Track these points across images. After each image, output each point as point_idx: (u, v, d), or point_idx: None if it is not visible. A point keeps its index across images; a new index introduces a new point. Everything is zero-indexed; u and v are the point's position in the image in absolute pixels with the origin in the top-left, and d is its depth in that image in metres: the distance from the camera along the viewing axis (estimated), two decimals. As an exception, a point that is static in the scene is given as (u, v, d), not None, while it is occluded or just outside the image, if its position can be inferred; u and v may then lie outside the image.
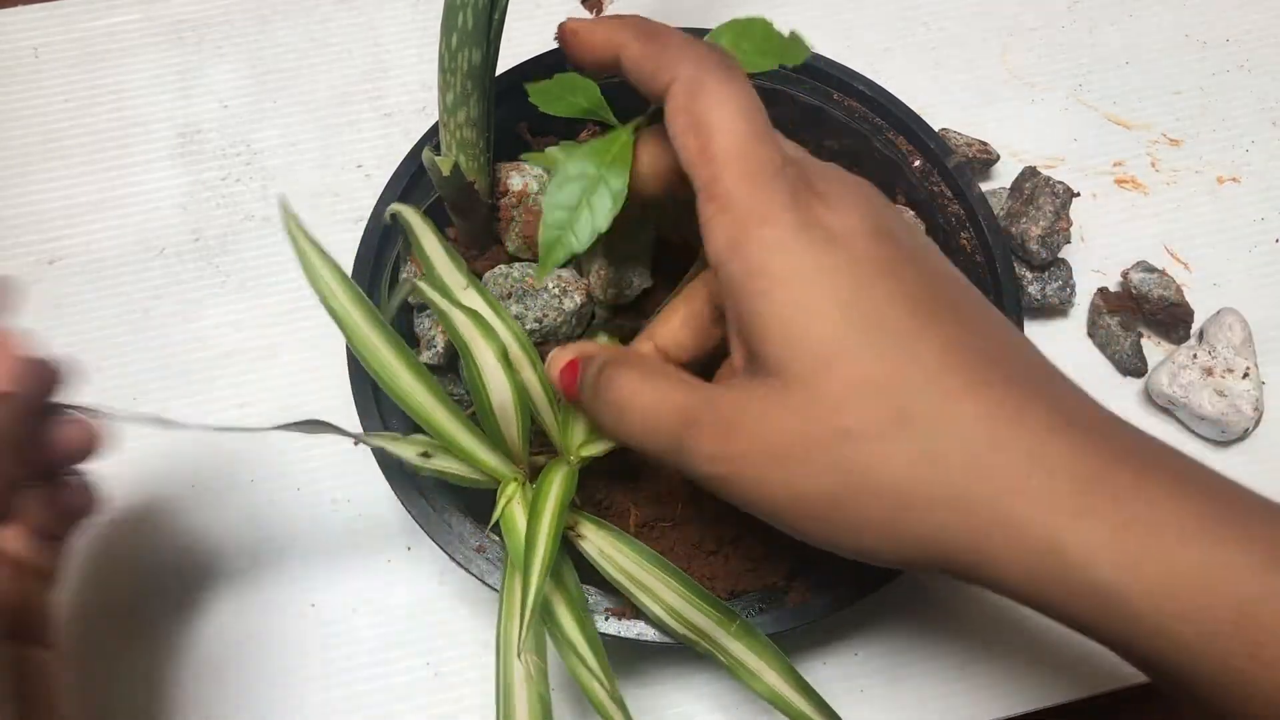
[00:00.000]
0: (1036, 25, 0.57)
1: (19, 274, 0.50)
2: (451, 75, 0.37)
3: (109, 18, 0.56)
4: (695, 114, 0.29)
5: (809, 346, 0.27)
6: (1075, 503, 0.24)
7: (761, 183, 0.28)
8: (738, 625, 0.33)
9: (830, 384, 0.26)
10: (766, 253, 0.27)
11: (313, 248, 0.34)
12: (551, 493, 0.33)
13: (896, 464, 0.26)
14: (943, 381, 0.26)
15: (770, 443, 0.27)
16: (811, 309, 0.27)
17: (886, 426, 0.26)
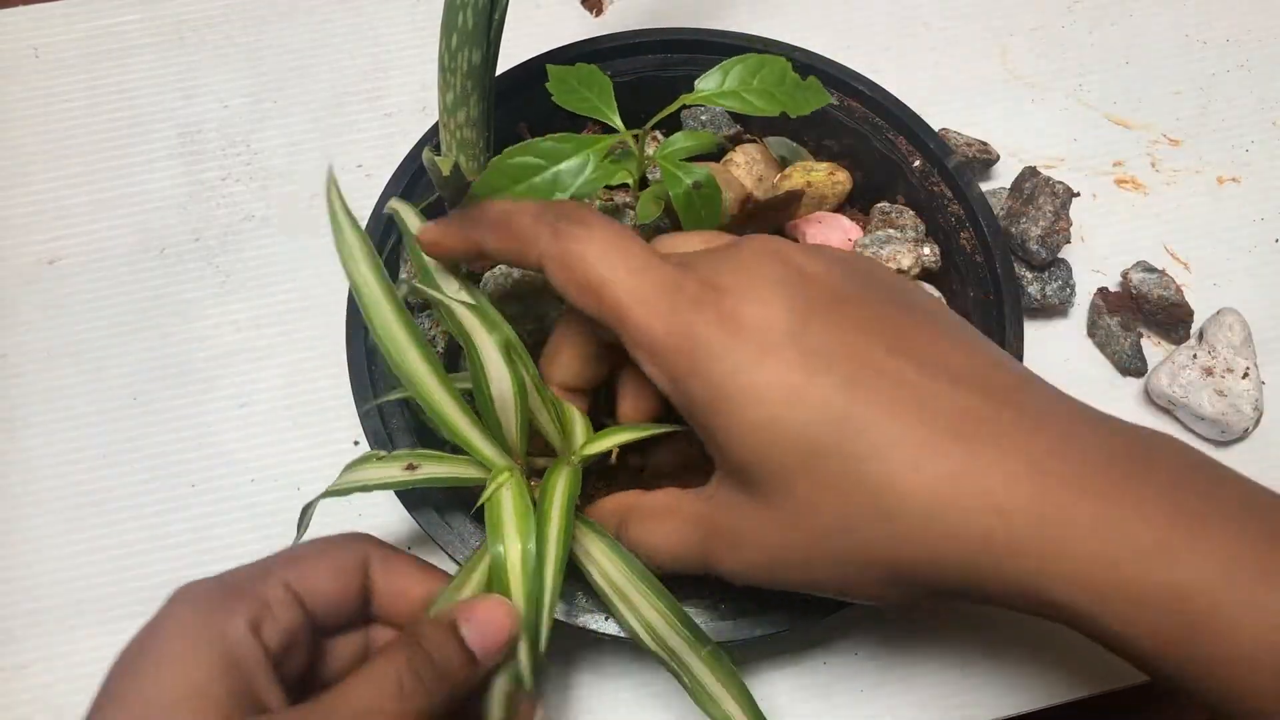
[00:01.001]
0: (1036, 25, 0.57)
1: (19, 274, 0.50)
2: (451, 75, 0.37)
3: (109, 18, 0.56)
4: (574, 280, 0.30)
5: (767, 463, 0.28)
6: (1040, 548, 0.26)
7: (668, 314, 0.29)
8: (708, 651, 0.33)
9: (800, 492, 0.28)
10: (704, 386, 0.28)
11: (346, 217, 0.34)
12: (558, 491, 0.33)
13: (878, 546, 0.28)
14: (893, 461, 0.27)
15: (771, 555, 0.30)
16: (764, 430, 0.28)
17: (857, 518, 0.27)
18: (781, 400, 0.27)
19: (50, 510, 0.45)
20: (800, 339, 0.28)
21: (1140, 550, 0.25)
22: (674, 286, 0.29)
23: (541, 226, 0.31)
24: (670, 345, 0.29)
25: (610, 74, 0.45)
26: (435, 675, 0.30)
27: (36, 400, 0.47)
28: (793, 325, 0.28)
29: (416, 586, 0.34)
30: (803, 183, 0.44)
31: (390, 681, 0.29)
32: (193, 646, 0.28)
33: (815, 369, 0.27)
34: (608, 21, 0.57)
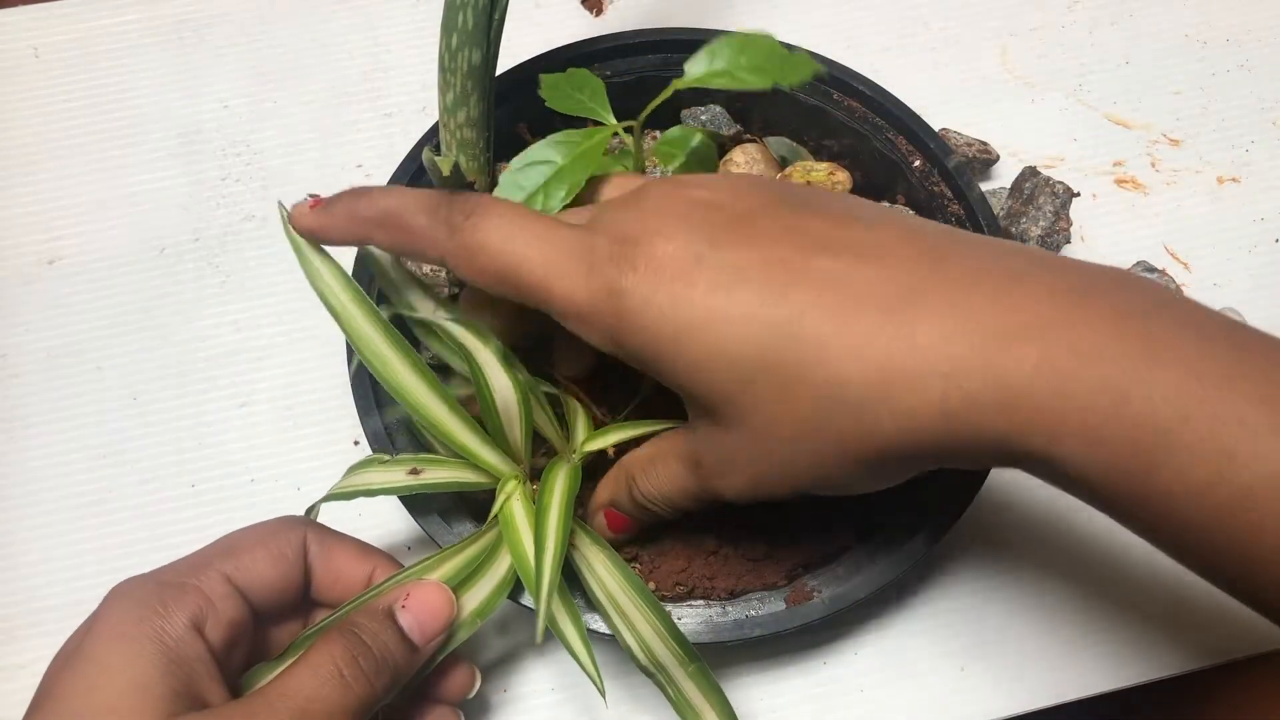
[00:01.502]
0: (1036, 25, 0.57)
1: (19, 274, 0.50)
2: (452, 75, 0.37)
3: (109, 18, 0.56)
4: (486, 270, 0.30)
5: (719, 391, 0.28)
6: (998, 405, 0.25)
7: (585, 276, 0.29)
8: (695, 667, 0.34)
9: (754, 412, 0.28)
10: (641, 335, 0.29)
11: (311, 247, 0.34)
12: (557, 488, 0.33)
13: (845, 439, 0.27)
14: (829, 352, 0.27)
15: (756, 471, 0.30)
16: (704, 363, 0.28)
17: (814, 420, 0.27)
18: (713, 328, 0.28)
19: (50, 510, 0.45)
20: (713, 262, 0.28)
21: (1089, 387, 0.24)
22: (586, 249, 0.29)
23: (438, 225, 0.31)
24: (598, 307, 0.29)
25: (610, 74, 0.45)
26: (375, 664, 0.30)
27: (36, 400, 0.47)
28: (703, 252, 0.28)
29: (355, 568, 0.34)
30: (803, 182, 0.44)
31: (330, 671, 0.29)
32: (133, 645, 0.28)
33: (734, 286, 0.27)
34: (608, 21, 0.57)
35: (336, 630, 0.30)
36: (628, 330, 0.29)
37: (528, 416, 0.34)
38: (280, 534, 0.33)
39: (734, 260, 0.28)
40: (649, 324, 0.28)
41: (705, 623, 0.36)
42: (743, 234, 0.29)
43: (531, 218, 0.31)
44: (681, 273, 0.28)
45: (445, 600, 0.32)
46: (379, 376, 0.34)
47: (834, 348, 0.26)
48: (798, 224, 0.29)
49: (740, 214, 0.29)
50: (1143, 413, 0.24)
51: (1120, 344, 0.24)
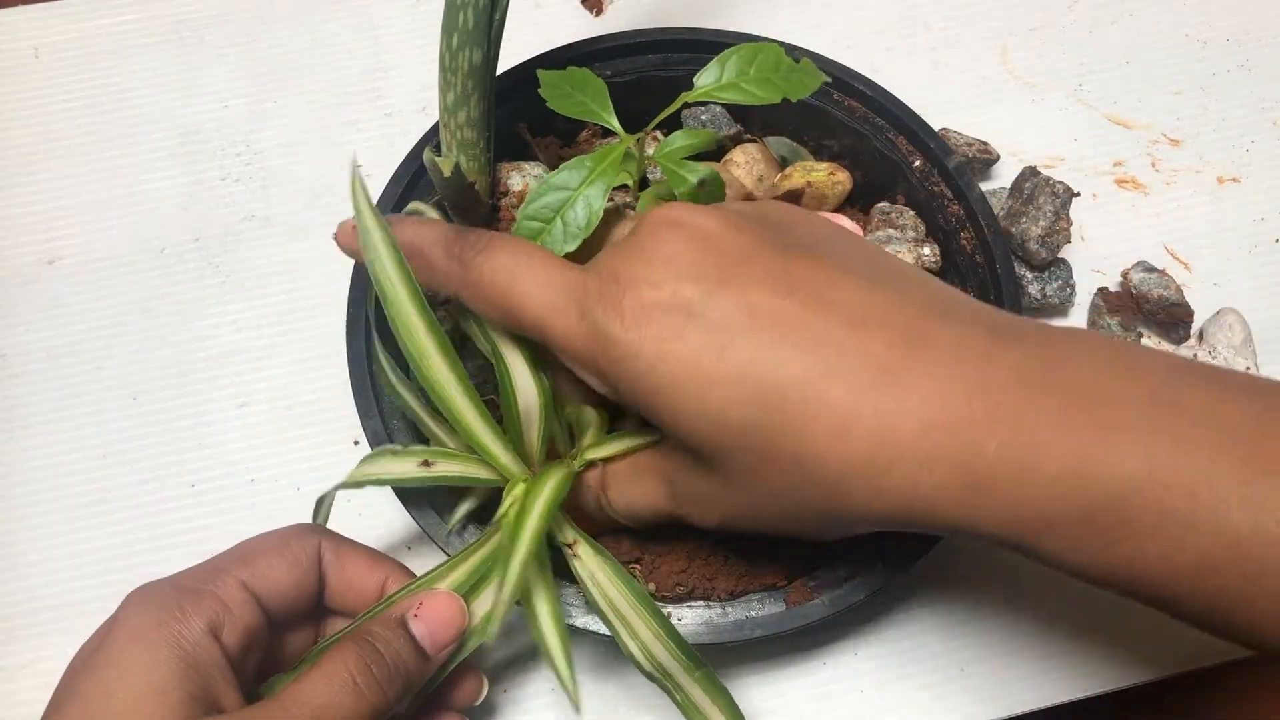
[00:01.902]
0: (1036, 25, 0.57)
1: (19, 274, 0.50)
2: (452, 75, 0.37)
3: (109, 18, 0.56)
4: (491, 307, 0.32)
5: (701, 444, 0.29)
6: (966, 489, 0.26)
7: (579, 320, 0.30)
8: (701, 673, 0.34)
9: (732, 467, 0.29)
10: (624, 381, 0.29)
11: (372, 212, 0.33)
12: (542, 494, 0.33)
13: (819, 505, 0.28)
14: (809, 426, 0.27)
15: (724, 510, 0.31)
16: (684, 413, 0.28)
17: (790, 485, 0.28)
18: (699, 387, 0.28)
19: (50, 510, 0.45)
20: (705, 317, 0.28)
21: (1047, 475, 0.25)
22: (580, 290, 0.30)
23: (452, 261, 0.32)
24: (588, 348, 0.29)
25: (610, 74, 0.45)
26: (388, 672, 0.30)
27: (36, 400, 0.47)
28: (693, 302, 0.28)
29: (368, 577, 0.35)
30: (803, 183, 0.44)
31: (344, 679, 0.29)
32: (151, 650, 0.28)
33: (725, 345, 0.28)
34: (608, 21, 0.57)
35: (350, 639, 0.31)
36: (615, 376, 0.29)
37: (547, 422, 0.34)
38: (296, 541, 0.34)
39: (723, 315, 0.28)
40: (635, 374, 0.29)
41: (705, 624, 0.36)
42: (735, 277, 0.28)
43: (537, 256, 0.31)
44: (670, 326, 0.28)
45: (457, 609, 0.33)
46: (410, 357, 0.34)
47: (816, 423, 0.27)
48: (792, 270, 0.29)
49: (734, 254, 0.29)
50: (1097, 494, 0.24)
51: (1073, 432, 0.25)
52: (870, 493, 0.27)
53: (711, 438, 0.28)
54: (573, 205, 0.34)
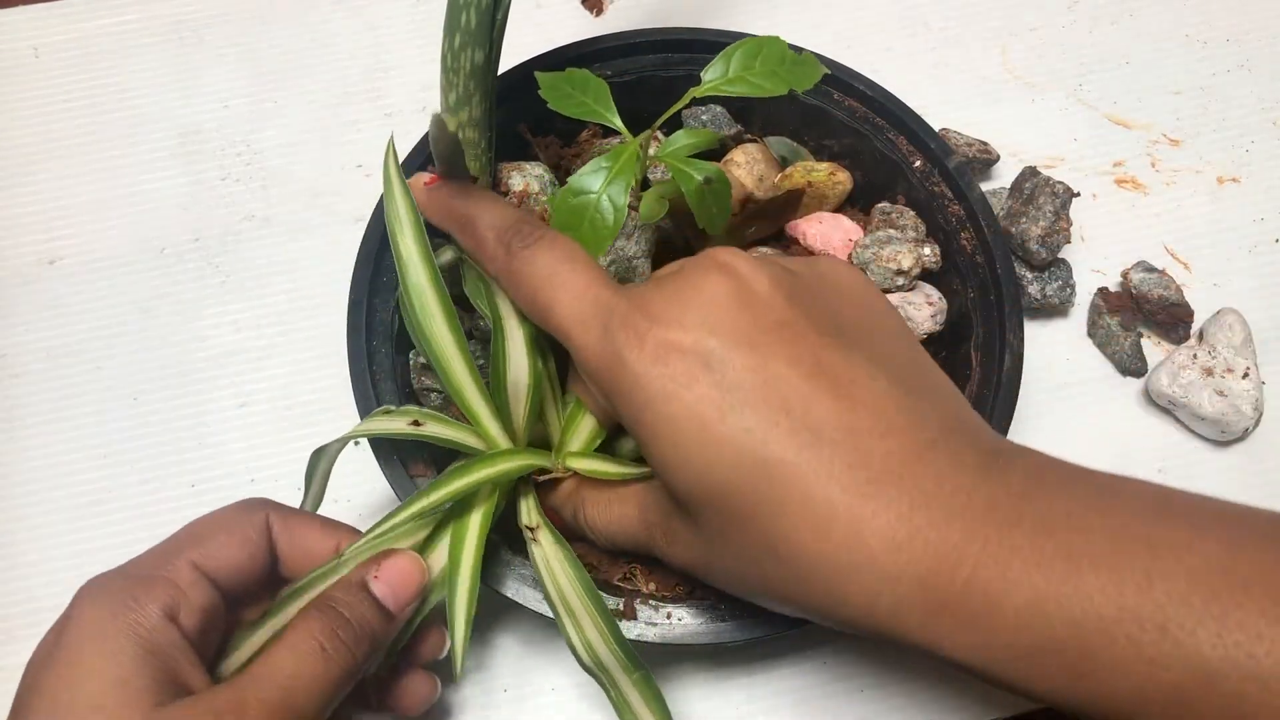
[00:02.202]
0: (1036, 25, 0.57)
1: (19, 274, 0.50)
2: (454, 75, 0.37)
3: (109, 18, 0.56)
4: (524, 300, 0.33)
5: (681, 490, 0.29)
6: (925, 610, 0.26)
7: (599, 340, 0.30)
8: (639, 674, 0.34)
9: (709, 519, 0.29)
10: (624, 408, 0.30)
11: (399, 179, 0.35)
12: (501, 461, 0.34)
13: (782, 585, 0.28)
14: (788, 515, 0.27)
15: (694, 559, 0.31)
16: (672, 458, 0.29)
17: (760, 557, 0.28)
18: (694, 436, 0.28)
19: (50, 510, 0.45)
20: (720, 373, 0.28)
21: (1014, 610, 0.25)
22: (608, 310, 0.30)
23: (499, 246, 0.33)
24: (601, 367, 0.30)
25: (610, 74, 0.45)
26: (354, 634, 0.31)
27: (36, 400, 0.47)
28: (714, 358, 0.28)
29: (321, 542, 0.35)
30: (803, 183, 0.44)
31: (312, 646, 0.30)
32: (109, 642, 0.28)
33: (729, 407, 0.27)
34: (608, 21, 0.57)
35: (314, 607, 0.31)
36: (619, 400, 0.30)
37: (534, 402, 0.35)
38: (243, 517, 0.34)
39: (738, 376, 0.28)
40: (637, 404, 0.29)
41: (705, 624, 0.36)
42: (764, 344, 0.28)
43: (580, 264, 0.32)
44: (684, 372, 0.28)
45: (416, 567, 0.34)
46: (414, 317, 0.35)
47: (794, 511, 0.27)
48: (822, 356, 0.28)
49: (773, 320, 0.29)
50: (1065, 630, 0.24)
51: (1043, 566, 0.25)
52: (832, 594, 0.27)
53: (693, 489, 0.29)
54: (598, 208, 0.35)
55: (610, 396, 0.30)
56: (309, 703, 0.29)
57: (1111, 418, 0.47)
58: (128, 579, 0.31)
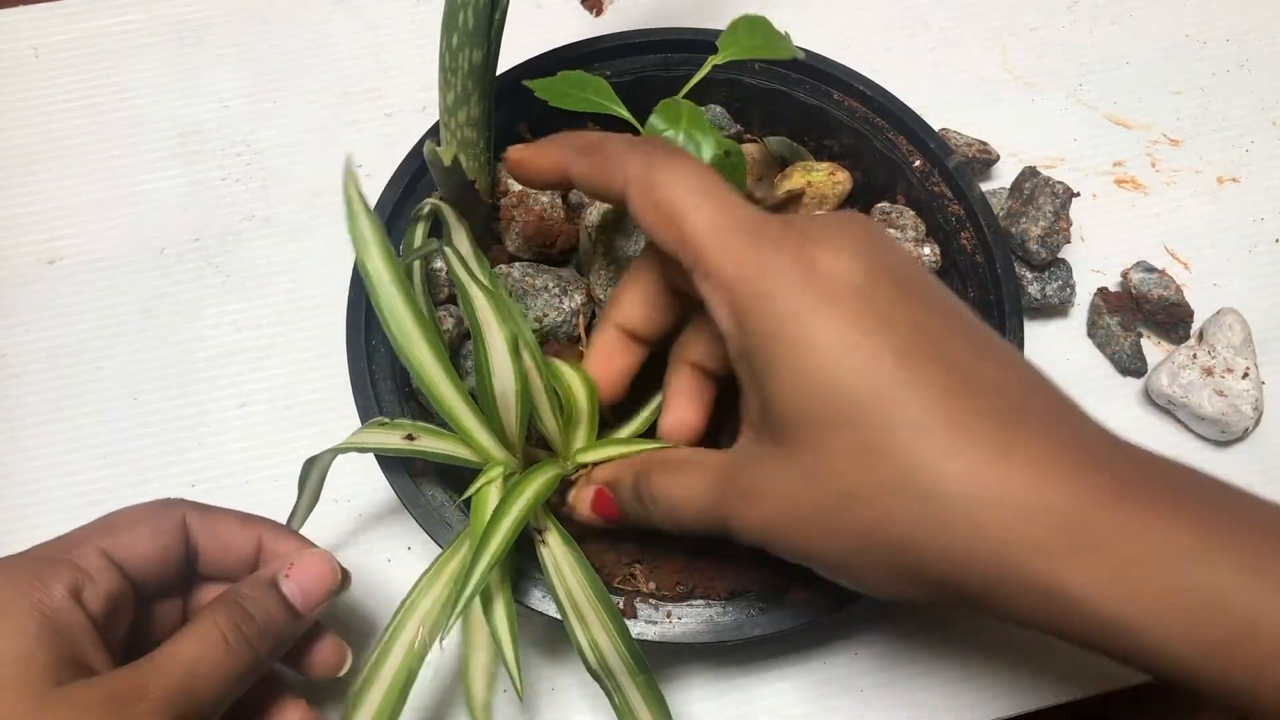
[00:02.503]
0: (1036, 25, 0.57)
1: (19, 274, 0.50)
2: (452, 75, 0.37)
3: (109, 18, 0.56)
4: (658, 207, 0.30)
5: (805, 413, 0.28)
6: (1072, 547, 0.25)
7: (746, 250, 0.29)
8: (644, 678, 0.34)
9: (832, 448, 0.27)
10: (767, 323, 0.28)
11: (360, 202, 0.35)
12: (529, 489, 0.34)
13: (899, 524, 0.26)
14: (933, 438, 0.26)
15: (785, 511, 0.29)
16: (812, 377, 0.27)
17: (884, 489, 0.27)
18: (835, 351, 0.27)
19: (50, 510, 0.45)
20: (868, 298, 0.28)
21: (1176, 557, 0.24)
22: (757, 225, 0.29)
23: (633, 154, 0.31)
24: (741, 278, 0.28)
25: (610, 74, 0.45)
26: (258, 630, 0.32)
27: (36, 400, 0.47)
28: (864, 284, 0.28)
29: (240, 536, 0.35)
30: (803, 183, 0.44)
31: (215, 638, 0.30)
32: (11, 619, 0.29)
33: (874, 329, 0.27)
34: (608, 21, 0.57)
35: (221, 600, 0.32)
36: (750, 312, 0.28)
37: (524, 408, 0.34)
38: (158, 512, 0.34)
39: (885, 308, 0.28)
40: (778, 317, 0.28)
41: (706, 622, 0.36)
42: (902, 290, 0.28)
43: (720, 180, 0.31)
44: (833, 290, 0.28)
45: (328, 568, 0.34)
46: (394, 340, 0.35)
47: (936, 436, 0.26)
48: (948, 307, 0.29)
49: (909, 274, 0.29)
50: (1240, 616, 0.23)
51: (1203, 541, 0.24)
52: (964, 525, 0.25)
53: (818, 410, 0.27)
54: None
55: (744, 310, 0.29)
56: (207, 692, 0.30)
57: (1111, 418, 0.46)
58: (34, 560, 0.31)
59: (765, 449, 0.30)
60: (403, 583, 0.43)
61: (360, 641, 0.42)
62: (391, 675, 0.33)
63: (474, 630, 0.34)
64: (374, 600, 0.43)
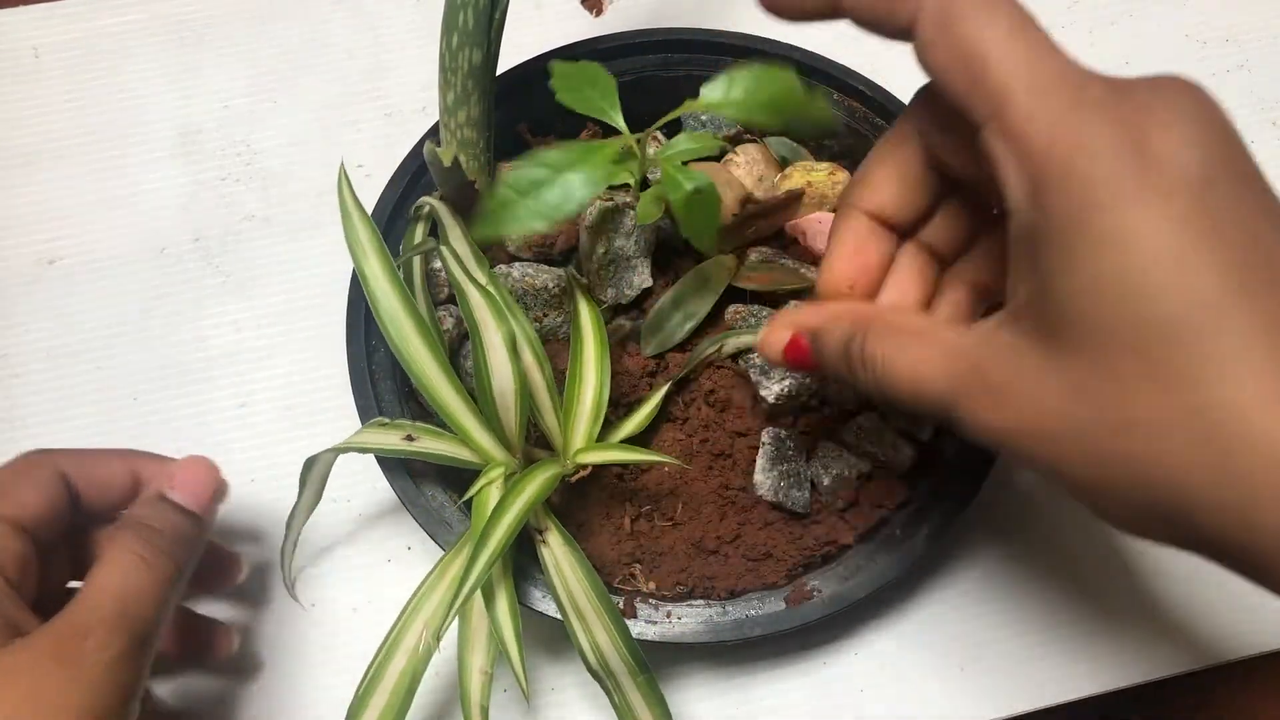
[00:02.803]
0: (1036, 25, 0.57)
1: (19, 274, 0.50)
2: (452, 75, 0.37)
3: (109, 18, 0.56)
4: (956, 44, 0.25)
5: (1098, 322, 0.24)
6: None
7: (1063, 110, 0.24)
8: (644, 677, 0.34)
9: (1122, 366, 0.23)
10: (1075, 207, 0.24)
11: (356, 208, 0.36)
12: (529, 488, 0.34)
13: (1183, 467, 0.23)
14: (1250, 379, 0.22)
15: (1041, 422, 0.25)
16: (1121, 283, 0.23)
17: (1174, 425, 0.23)
18: (1154, 259, 0.23)
19: (50, 510, 0.45)
20: (1201, 196, 0.23)
21: None
22: (1077, 82, 0.24)
23: None
24: (1051, 144, 0.24)
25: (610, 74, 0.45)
26: (168, 541, 0.33)
27: (36, 400, 0.47)
28: (1200, 176, 0.23)
29: (117, 470, 0.36)
30: (803, 183, 0.44)
31: (133, 560, 0.31)
32: None
33: (1205, 236, 0.23)
34: (608, 21, 0.57)
35: (122, 527, 0.33)
36: (1056, 190, 0.24)
37: (523, 407, 0.35)
38: (33, 465, 0.35)
39: (1222, 211, 0.23)
40: (1090, 203, 0.23)
41: (705, 622, 0.36)
42: (1241, 188, 0.24)
43: (1032, 24, 0.25)
44: (1166, 180, 0.23)
45: (206, 467, 0.36)
46: (391, 342, 0.35)
47: (1254, 378, 0.22)
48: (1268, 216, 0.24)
49: (1248, 165, 0.25)
50: None
51: None
52: (1265, 486, 0.22)
53: (1118, 323, 0.23)
54: (550, 185, 0.34)
55: (1048, 184, 0.24)
56: (145, 611, 0.31)
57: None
58: None
59: (1029, 343, 0.25)
60: (403, 583, 0.43)
61: (360, 641, 0.42)
62: (396, 678, 0.33)
63: (471, 630, 0.34)
64: (377, 603, 0.43)
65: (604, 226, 0.41)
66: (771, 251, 0.43)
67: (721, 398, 0.41)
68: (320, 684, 0.41)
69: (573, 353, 0.38)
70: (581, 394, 0.37)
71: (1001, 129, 0.25)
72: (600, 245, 0.40)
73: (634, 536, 0.39)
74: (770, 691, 0.41)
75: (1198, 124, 0.24)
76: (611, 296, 0.41)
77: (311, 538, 0.44)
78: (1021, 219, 0.25)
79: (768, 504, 0.39)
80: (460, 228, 0.40)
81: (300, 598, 0.43)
